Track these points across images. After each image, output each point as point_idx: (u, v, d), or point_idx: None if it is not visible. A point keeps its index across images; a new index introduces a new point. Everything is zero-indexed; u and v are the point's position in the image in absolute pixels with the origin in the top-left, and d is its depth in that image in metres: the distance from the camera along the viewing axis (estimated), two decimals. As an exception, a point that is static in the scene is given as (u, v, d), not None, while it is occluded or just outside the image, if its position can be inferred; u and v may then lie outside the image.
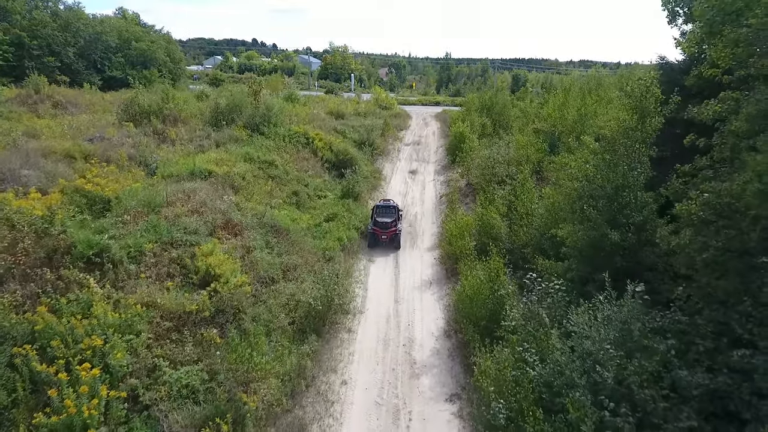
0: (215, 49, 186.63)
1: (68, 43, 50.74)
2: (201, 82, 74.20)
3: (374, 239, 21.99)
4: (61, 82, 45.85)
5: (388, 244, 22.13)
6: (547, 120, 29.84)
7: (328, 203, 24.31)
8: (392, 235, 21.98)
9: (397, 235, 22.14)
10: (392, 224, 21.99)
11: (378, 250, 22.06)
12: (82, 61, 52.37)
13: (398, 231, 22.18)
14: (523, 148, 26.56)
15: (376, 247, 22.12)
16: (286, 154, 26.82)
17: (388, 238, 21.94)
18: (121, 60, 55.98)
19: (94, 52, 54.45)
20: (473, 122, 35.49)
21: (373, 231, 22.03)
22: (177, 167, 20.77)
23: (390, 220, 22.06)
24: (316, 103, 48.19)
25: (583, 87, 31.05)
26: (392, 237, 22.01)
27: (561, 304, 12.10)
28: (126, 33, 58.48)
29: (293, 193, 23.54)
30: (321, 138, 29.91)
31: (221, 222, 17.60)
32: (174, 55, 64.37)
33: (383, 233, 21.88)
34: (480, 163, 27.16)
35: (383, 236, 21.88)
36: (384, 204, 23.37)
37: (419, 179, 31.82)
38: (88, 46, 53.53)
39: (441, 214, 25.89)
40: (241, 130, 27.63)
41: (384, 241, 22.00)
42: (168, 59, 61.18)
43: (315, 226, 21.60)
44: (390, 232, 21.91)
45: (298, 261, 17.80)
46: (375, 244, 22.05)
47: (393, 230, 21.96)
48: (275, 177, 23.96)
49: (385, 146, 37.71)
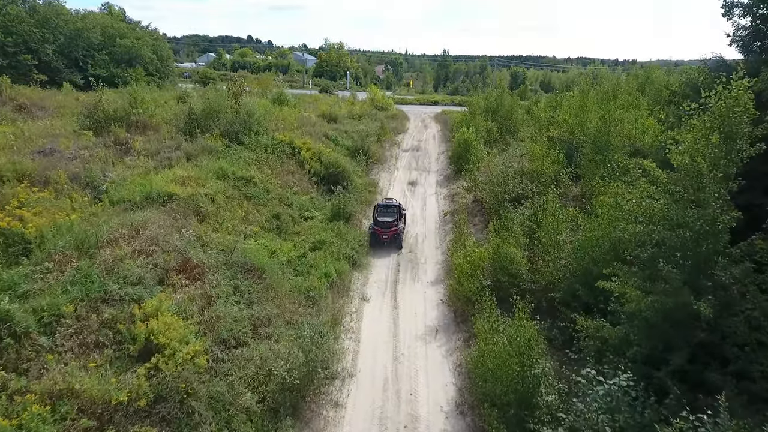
0: (210, 47, 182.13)
1: (46, 40, 47.24)
2: (191, 80, 70.56)
3: (375, 239, 21.10)
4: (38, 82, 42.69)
5: (390, 244, 21.20)
6: (562, 126, 26.19)
7: (315, 227, 20.62)
8: (393, 234, 21.06)
9: (399, 235, 21.24)
10: (394, 224, 21.05)
11: (374, 287, 18.46)
12: (62, 59, 48.89)
13: (400, 230, 21.30)
14: (538, 159, 22.91)
15: (377, 246, 21.16)
16: (268, 168, 23.08)
17: (390, 237, 21.03)
18: (105, 58, 52.41)
19: (76, 50, 50.91)
20: (478, 127, 31.81)
21: (374, 230, 21.12)
22: (130, 190, 17.03)
23: (391, 220, 21.10)
24: (309, 104, 44.45)
25: (606, 89, 27.33)
26: (393, 237, 21.08)
27: (630, 411, 8.46)
28: (110, 29, 55.11)
29: (274, 216, 19.84)
30: (309, 147, 26.16)
31: (177, 264, 13.92)
32: (161, 53, 60.97)
33: (384, 233, 20.95)
34: (490, 177, 23.51)
35: (384, 236, 20.97)
36: (386, 203, 22.33)
37: (419, 192, 28.17)
38: (69, 44, 50.05)
39: (446, 237, 22.28)
40: (218, 140, 23.86)
41: (385, 241, 21.07)
42: (155, 57, 57.90)
43: (298, 257, 17.94)
44: (391, 231, 20.97)
45: (274, 311, 14.13)
46: (376, 243, 21.14)
47: (394, 230, 21.01)
48: (253, 197, 20.25)
49: (382, 153, 34.01)
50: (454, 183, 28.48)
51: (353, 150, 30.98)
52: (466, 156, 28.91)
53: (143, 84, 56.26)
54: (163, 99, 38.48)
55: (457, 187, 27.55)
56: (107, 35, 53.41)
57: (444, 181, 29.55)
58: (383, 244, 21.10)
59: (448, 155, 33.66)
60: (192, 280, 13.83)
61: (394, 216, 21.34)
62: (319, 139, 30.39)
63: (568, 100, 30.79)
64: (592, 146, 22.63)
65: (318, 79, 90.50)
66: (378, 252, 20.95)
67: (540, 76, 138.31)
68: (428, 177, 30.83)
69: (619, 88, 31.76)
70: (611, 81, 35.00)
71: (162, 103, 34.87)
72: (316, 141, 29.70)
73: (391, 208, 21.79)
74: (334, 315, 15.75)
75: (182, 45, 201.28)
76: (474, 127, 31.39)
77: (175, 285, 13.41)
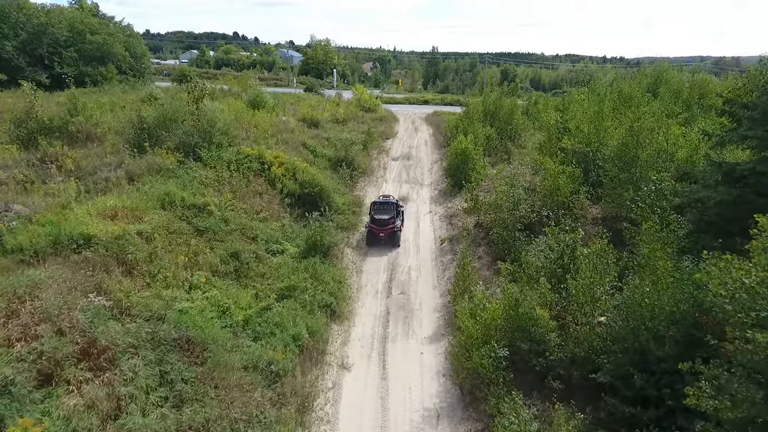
0: (194, 43, 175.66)
1: (5, 36, 43.34)
2: (170, 78, 65.88)
3: (372, 237, 20.14)
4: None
5: (387, 242, 20.18)
6: (576, 136, 22.28)
7: (285, 265, 16.43)
8: (390, 232, 20.07)
9: (396, 233, 20.27)
10: (391, 221, 20.08)
11: (357, 347, 14.40)
12: (24, 57, 44.81)
13: (397, 228, 20.31)
14: (552, 176, 18.99)
15: (374, 245, 20.15)
16: (230, 190, 18.84)
17: (387, 235, 20.06)
18: (74, 55, 48.19)
19: (40, 47, 46.73)
20: (477, 134, 27.79)
21: (371, 229, 20.14)
22: (32, 232, 12.74)
23: (388, 217, 20.10)
24: (290, 106, 40.11)
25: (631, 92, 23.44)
26: (390, 234, 20.10)
27: None
28: (79, 25, 50.99)
29: (232, 256, 15.63)
30: (282, 162, 21.91)
31: (76, 349, 9.75)
32: (135, 50, 56.88)
33: (381, 231, 19.97)
34: (495, 197, 19.53)
35: (381, 234, 20.01)
36: (382, 200, 21.22)
37: (412, 210, 24.09)
38: (32, 40, 46.03)
39: (445, 273, 18.27)
40: (170, 155, 19.56)
41: (383, 239, 20.10)
42: (127, 54, 53.52)
43: (259, 313, 13.78)
44: (388, 229, 19.98)
45: (215, 411, 10.01)
46: (373, 242, 20.18)
47: (391, 227, 20.05)
48: (207, 230, 16.02)
49: (368, 163, 29.85)
50: (451, 199, 24.45)
51: (336, 161, 26.81)
52: (463, 168, 24.90)
53: (115, 83, 52.37)
54: (125, 101, 34.15)
55: (455, 205, 23.52)
56: (76, 31, 49.30)
57: (439, 197, 25.49)
58: (380, 242, 20.05)
59: (443, 165, 29.59)
60: (97, 372, 9.67)
61: (391, 213, 20.23)
62: (296, 150, 26.15)
63: (579, 104, 26.90)
64: (616, 162, 18.76)
65: (304, 77, 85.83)
66: (369, 278, 16.97)
67: (530, 73, 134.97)
68: (421, 191, 26.76)
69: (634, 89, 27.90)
70: (622, 80, 31.10)
71: (122, 107, 30.48)
72: (293, 152, 25.45)
73: (387, 205, 20.59)
74: (304, 398, 11.69)
75: (166, 42, 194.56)
76: (472, 134, 27.35)
77: (70, 383, 9.25)
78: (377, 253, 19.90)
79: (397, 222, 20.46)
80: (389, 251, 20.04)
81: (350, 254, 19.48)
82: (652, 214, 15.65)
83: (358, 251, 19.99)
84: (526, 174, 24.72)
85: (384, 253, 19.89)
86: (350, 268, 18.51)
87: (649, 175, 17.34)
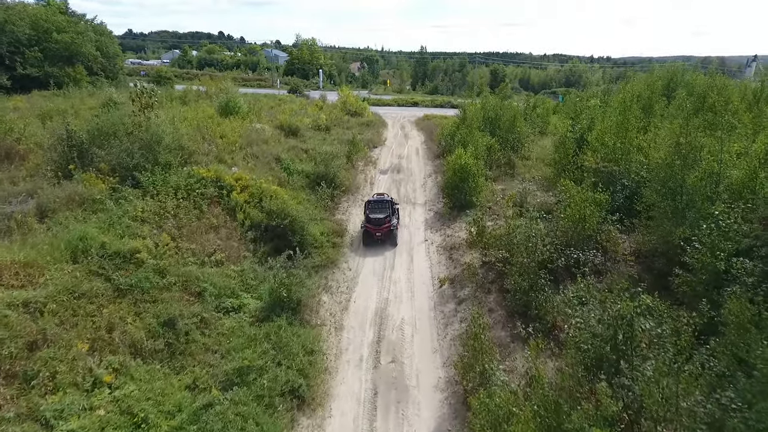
0: (178, 43, 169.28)
1: None
2: (148, 78, 61.30)
3: (368, 237, 19.23)
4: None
5: (384, 241, 19.32)
6: (599, 151, 18.38)
7: (240, 333, 12.26)
8: (387, 231, 19.19)
9: (393, 231, 19.43)
10: (386, 219, 19.16)
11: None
12: None
13: (393, 226, 19.45)
14: (577, 205, 15.07)
15: (370, 245, 19.19)
16: (175, 226, 14.62)
17: (383, 234, 19.18)
18: (39, 55, 44.26)
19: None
20: (477, 145, 23.79)
21: (367, 229, 19.18)
22: None
23: (384, 216, 19.19)
24: (269, 110, 35.82)
25: (683, 101, 19.50)
26: (387, 233, 19.23)
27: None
28: (44, 23, 46.68)
29: (165, 324, 11.43)
30: (246, 184, 17.69)
31: None
32: (107, 50, 52.69)
33: (377, 230, 19.05)
34: (507, 232, 15.53)
35: (377, 233, 19.09)
36: (376, 198, 20.25)
37: (404, 239, 20.04)
38: None
39: (447, 330, 14.24)
40: (100, 181, 15.28)
41: (379, 239, 19.24)
42: (99, 54, 49.32)
43: (194, 415, 9.64)
44: (384, 228, 19.07)
45: None
46: (369, 242, 19.28)
47: (387, 226, 19.13)
48: (132, 289, 11.81)
49: (353, 178, 25.71)
50: (450, 224, 20.43)
51: (315, 178, 22.62)
52: (463, 188, 20.91)
53: (85, 84, 48.00)
54: (85, 106, 29.69)
55: (455, 232, 19.50)
56: (40, 29, 45.28)
57: (436, 220, 21.44)
58: (377, 242, 19.20)
59: (438, 181, 25.60)
60: None
61: (386, 212, 19.36)
62: (267, 166, 21.92)
63: (593, 111, 23.05)
64: (659, 187, 14.89)
65: (289, 78, 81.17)
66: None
67: (519, 73, 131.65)
68: (414, 213, 22.71)
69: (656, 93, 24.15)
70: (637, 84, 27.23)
71: (73, 113, 25.99)
72: (263, 169, 21.23)
73: (382, 203, 19.69)
74: None
75: (149, 41, 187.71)
76: (472, 145, 23.36)
77: None
78: (363, 299, 15.86)
79: (393, 220, 19.59)
80: (377, 295, 16.01)
81: (328, 303, 15.37)
82: (714, 259, 12.00)
83: (339, 297, 15.91)
84: (536, 193, 20.91)
85: (371, 299, 15.85)
86: (328, 323, 14.43)
87: (704, 207, 13.54)
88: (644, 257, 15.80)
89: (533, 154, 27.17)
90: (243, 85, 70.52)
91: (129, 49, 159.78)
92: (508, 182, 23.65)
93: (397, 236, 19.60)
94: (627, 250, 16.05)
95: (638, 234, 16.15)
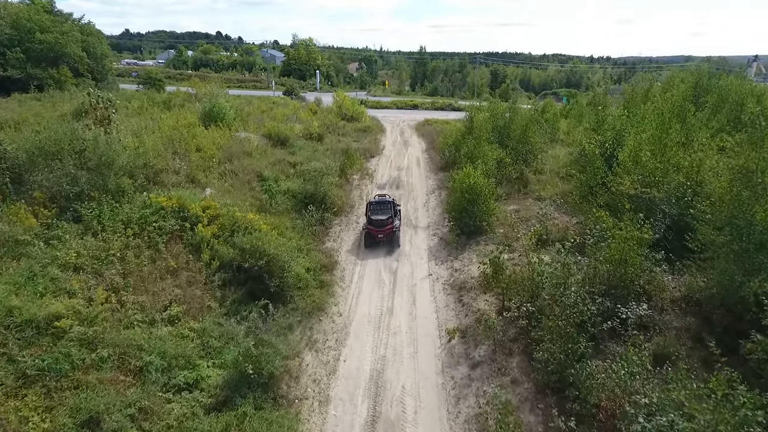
0: (175, 43, 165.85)
1: None
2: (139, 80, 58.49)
3: (370, 239, 18.53)
4: None
5: (386, 243, 18.56)
6: (635, 172, 15.35)
7: (190, 424, 9.26)
8: (389, 232, 18.45)
9: (395, 233, 18.70)
10: (389, 221, 18.44)
11: None
12: None
13: (395, 228, 18.72)
14: (621, 250, 12.05)
15: (372, 247, 18.41)
16: (120, 274, 11.59)
17: (386, 236, 18.46)
18: (20, 56, 42.08)
19: None
20: (486, 159, 20.77)
21: (369, 230, 18.45)
22: None
23: (386, 217, 18.46)
24: (258, 116, 32.85)
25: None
26: (389, 235, 18.51)
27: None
28: (26, 22, 43.70)
29: (86, 424, 8.42)
30: (215, 213, 14.63)
31: None
32: (94, 50, 50.13)
33: (379, 232, 18.31)
34: (531, 277, 12.54)
35: (380, 235, 18.37)
36: (378, 199, 19.65)
37: (405, 272, 17.02)
38: None
39: (459, 404, 11.22)
40: (31, 216, 12.24)
41: (381, 240, 18.48)
42: (85, 55, 46.62)
43: None
44: (387, 229, 18.34)
45: None
46: (371, 244, 18.53)
47: (390, 227, 18.41)
48: (44, 374, 8.79)
49: (347, 196, 22.67)
50: (458, 255, 17.40)
51: (302, 198, 19.60)
52: (472, 211, 17.89)
53: (70, 86, 45.51)
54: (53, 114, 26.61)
55: (464, 266, 16.47)
56: (22, 29, 42.93)
57: (441, 249, 18.41)
58: (379, 243, 18.56)
59: (441, 198, 22.57)
60: None
61: (388, 213, 18.80)
62: (246, 186, 18.90)
63: (621, 121, 19.97)
64: (722, 224, 11.88)
65: (285, 79, 78.01)
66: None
67: (519, 73, 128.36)
68: (415, 238, 19.70)
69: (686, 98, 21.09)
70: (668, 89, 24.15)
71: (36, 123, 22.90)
72: (241, 190, 18.21)
73: (384, 204, 19.16)
74: None
75: (146, 41, 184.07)
76: (481, 160, 20.32)
77: None
78: (356, 357, 12.85)
79: (396, 221, 19.03)
80: (372, 352, 13.00)
81: (312, 365, 12.36)
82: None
83: (326, 354, 12.89)
84: (555, 216, 17.95)
85: (365, 357, 12.84)
86: (310, 396, 11.42)
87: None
88: (694, 304, 12.89)
89: (546, 166, 24.17)
90: (238, 87, 67.44)
91: (126, 50, 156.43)
92: (521, 201, 20.68)
93: (399, 238, 18.99)
94: (675, 295, 13.12)
95: (688, 276, 13.21)
